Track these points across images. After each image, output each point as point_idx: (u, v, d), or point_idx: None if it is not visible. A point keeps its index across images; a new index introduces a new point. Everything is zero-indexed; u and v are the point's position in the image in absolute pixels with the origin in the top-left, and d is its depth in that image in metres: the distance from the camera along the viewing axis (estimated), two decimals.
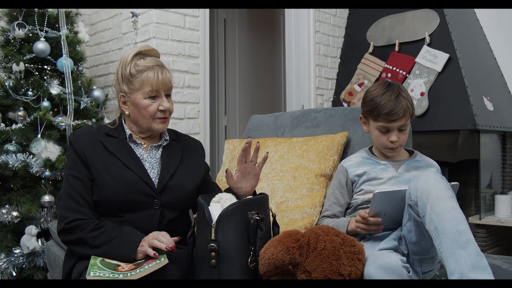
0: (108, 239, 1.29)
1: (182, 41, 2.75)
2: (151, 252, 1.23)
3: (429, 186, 1.19)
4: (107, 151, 1.42)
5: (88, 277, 1.13)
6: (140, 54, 1.45)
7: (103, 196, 1.37)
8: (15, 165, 2.22)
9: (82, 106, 2.47)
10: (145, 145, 1.49)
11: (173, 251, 1.24)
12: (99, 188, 1.38)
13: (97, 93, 2.64)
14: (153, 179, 1.43)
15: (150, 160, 1.48)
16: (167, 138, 1.54)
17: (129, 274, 1.16)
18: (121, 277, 1.14)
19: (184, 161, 1.53)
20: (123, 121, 1.51)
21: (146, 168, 1.44)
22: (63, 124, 2.37)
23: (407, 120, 1.51)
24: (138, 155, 1.45)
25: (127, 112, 1.47)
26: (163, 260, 1.18)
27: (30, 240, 2.22)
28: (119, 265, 1.24)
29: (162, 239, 1.27)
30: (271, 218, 1.36)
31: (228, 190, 1.43)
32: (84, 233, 1.30)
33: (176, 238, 1.31)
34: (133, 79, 1.42)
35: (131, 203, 1.38)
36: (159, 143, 1.51)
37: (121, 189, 1.37)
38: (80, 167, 1.39)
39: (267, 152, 1.48)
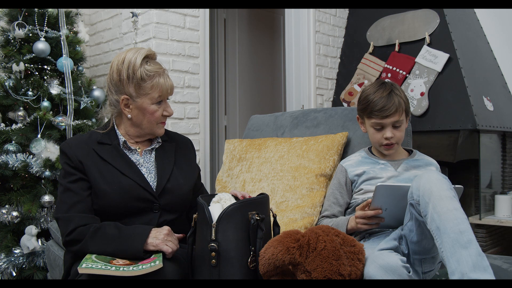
0: (110, 240, 1.28)
1: (182, 41, 2.75)
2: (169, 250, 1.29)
3: (431, 186, 1.19)
4: (102, 160, 1.40)
5: (80, 269, 1.13)
6: (147, 58, 1.43)
7: (101, 205, 1.36)
8: (15, 165, 2.21)
9: (82, 106, 2.47)
10: (139, 150, 1.48)
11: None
12: (97, 197, 1.37)
13: (97, 93, 2.64)
14: (151, 183, 1.42)
15: (147, 164, 1.47)
16: (159, 140, 1.53)
17: (121, 269, 1.15)
18: (113, 269, 1.14)
19: (178, 162, 1.52)
20: (115, 126, 1.49)
21: (143, 173, 1.43)
22: (63, 124, 2.37)
23: (400, 116, 1.52)
24: (134, 161, 1.44)
25: (129, 116, 1.44)
26: (158, 264, 1.18)
27: (30, 240, 2.22)
28: (114, 259, 1.24)
29: (172, 245, 1.30)
30: (272, 219, 1.36)
31: None
32: (84, 243, 1.29)
33: (180, 236, 1.35)
34: (143, 84, 1.40)
35: (130, 209, 1.38)
36: (152, 146, 1.50)
37: (119, 197, 1.36)
38: (78, 174, 1.38)
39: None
